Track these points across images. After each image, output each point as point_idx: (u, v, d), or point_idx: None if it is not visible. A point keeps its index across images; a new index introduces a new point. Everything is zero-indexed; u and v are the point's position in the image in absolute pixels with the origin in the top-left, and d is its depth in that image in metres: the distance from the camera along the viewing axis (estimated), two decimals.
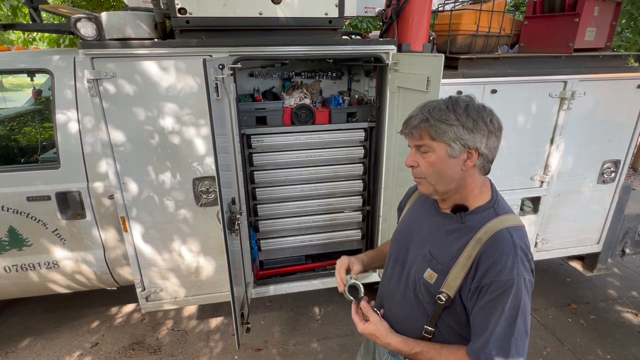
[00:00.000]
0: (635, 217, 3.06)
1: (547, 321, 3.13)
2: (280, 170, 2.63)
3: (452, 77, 2.34)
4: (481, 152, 1.04)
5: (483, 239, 1.02)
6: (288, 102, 2.67)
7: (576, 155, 2.74)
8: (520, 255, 1.00)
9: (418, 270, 1.14)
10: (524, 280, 1.00)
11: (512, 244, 1.00)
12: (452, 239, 1.09)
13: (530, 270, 1.03)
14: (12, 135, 2.79)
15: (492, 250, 1.01)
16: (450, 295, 1.05)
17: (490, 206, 1.09)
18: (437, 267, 1.09)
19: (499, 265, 0.99)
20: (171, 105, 2.11)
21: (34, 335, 2.93)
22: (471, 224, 1.07)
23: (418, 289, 1.15)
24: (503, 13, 2.53)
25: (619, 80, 2.60)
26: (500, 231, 1.02)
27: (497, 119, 1.06)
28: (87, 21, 1.88)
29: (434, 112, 1.03)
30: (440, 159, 1.04)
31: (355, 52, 2.27)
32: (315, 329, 3.01)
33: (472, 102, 1.05)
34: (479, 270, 1.01)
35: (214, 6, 2.00)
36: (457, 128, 1.01)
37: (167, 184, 2.26)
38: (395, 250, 1.28)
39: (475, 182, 1.09)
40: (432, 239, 1.15)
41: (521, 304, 0.99)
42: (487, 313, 1.00)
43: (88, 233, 2.47)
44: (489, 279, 0.99)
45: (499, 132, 1.06)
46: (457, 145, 1.02)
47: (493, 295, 0.99)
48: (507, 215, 1.07)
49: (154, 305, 2.53)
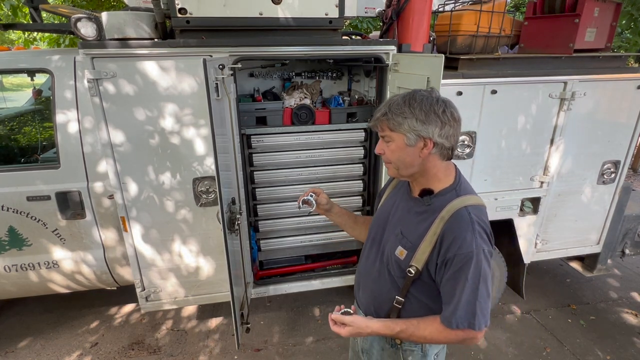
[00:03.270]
0: (635, 218, 3.06)
1: (547, 322, 3.13)
2: (280, 170, 2.63)
3: (452, 77, 2.34)
4: (435, 141, 1.15)
5: (445, 217, 1.16)
6: (288, 103, 2.67)
7: (576, 156, 2.74)
8: (478, 230, 1.13)
9: (390, 248, 1.29)
10: (483, 250, 1.12)
11: (470, 220, 1.13)
12: (420, 220, 1.23)
13: (488, 242, 1.16)
14: (12, 135, 2.79)
15: (453, 227, 1.14)
16: (418, 268, 1.19)
17: (452, 188, 1.22)
18: (407, 245, 1.23)
19: (460, 239, 1.12)
20: (171, 105, 2.11)
21: (33, 335, 2.93)
22: (436, 205, 1.21)
23: (390, 265, 1.29)
24: (503, 14, 2.53)
25: (619, 81, 2.60)
26: (460, 210, 1.15)
27: (451, 111, 1.15)
28: (87, 21, 1.89)
29: (393, 107, 1.17)
30: (399, 147, 1.18)
31: (356, 53, 2.27)
32: (315, 329, 3.01)
33: (428, 96, 1.16)
34: (442, 245, 1.14)
35: (214, 6, 2.00)
36: (410, 120, 1.14)
37: (167, 184, 2.26)
38: (373, 232, 1.42)
39: (437, 167, 1.21)
40: (403, 220, 1.29)
41: (482, 272, 1.12)
42: (453, 283, 1.14)
43: (88, 233, 2.47)
44: (452, 253, 1.12)
45: (454, 122, 1.15)
46: (412, 135, 1.15)
47: (457, 267, 1.12)
48: (467, 196, 1.19)
49: (154, 305, 2.53)
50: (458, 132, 1.18)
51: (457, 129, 1.17)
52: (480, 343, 2.91)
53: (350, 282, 2.89)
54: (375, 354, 1.44)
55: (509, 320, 3.16)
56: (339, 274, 2.87)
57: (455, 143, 1.19)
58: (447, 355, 2.81)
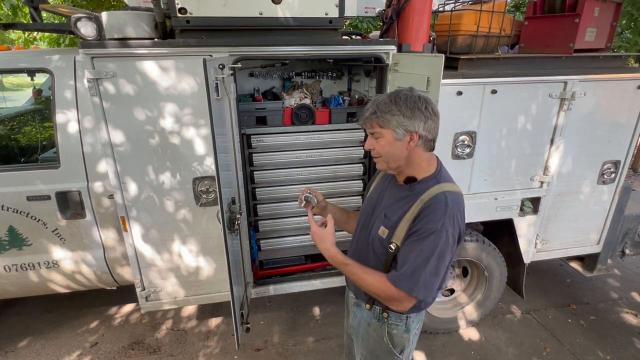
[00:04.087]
0: (635, 218, 3.06)
1: (547, 322, 3.13)
2: (280, 170, 2.63)
3: (453, 77, 2.34)
4: (420, 134, 1.27)
5: (425, 199, 1.28)
6: (288, 102, 2.67)
7: (576, 155, 2.74)
8: (449, 213, 1.24)
9: (375, 229, 1.42)
10: (446, 231, 1.23)
11: (445, 203, 1.25)
12: (403, 203, 1.35)
13: (456, 226, 1.26)
14: (12, 134, 2.79)
15: (428, 206, 1.26)
16: (398, 245, 1.32)
17: (434, 176, 1.35)
18: (388, 224, 1.36)
19: (429, 217, 1.25)
20: (171, 105, 2.11)
21: (33, 334, 2.93)
22: (418, 190, 1.33)
23: (374, 244, 1.42)
24: (503, 13, 2.53)
25: (619, 80, 2.60)
26: (438, 194, 1.28)
27: (432, 106, 1.29)
28: (87, 21, 1.88)
29: (381, 105, 1.28)
30: (388, 142, 1.30)
31: (356, 52, 2.27)
32: (315, 329, 3.01)
33: (410, 95, 1.28)
34: (415, 221, 1.28)
35: (214, 6, 2.00)
36: (398, 117, 1.26)
37: (167, 183, 2.26)
38: (362, 219, 1.54)
39: (421, 157, 1.34)
40: (388, 204, 1.42)
41: (438, 249, 1.23)
42: (408, 250, 1.27)
43: (88, 233, 2.47)
44: (419, 226, 1.26)
45: (434, 116, 1.29)
46: (401, 130, 1.27)
47: (417, 237, 1.25)
48: (446, 183, 1.33)
49: (154, 305, 2.53)
50: (438, 125, 1.32)
51: (437, 122, 1.31)
52: (480, 343, 2.91)
53: None
54: (362, 330, 1.57)
55: (509, 320, 3.16)
56: (339, 273, 2.87)
57: (436, 135, 1.33)
58: (447, 355, 2.82)
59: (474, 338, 2.97)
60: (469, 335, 3.00)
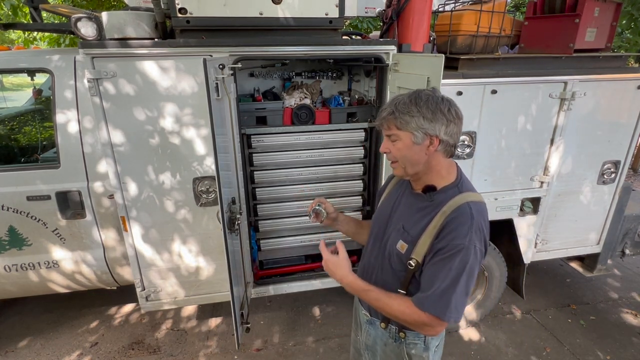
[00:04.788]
0: (635, 218, 3.06)
1: (547, 322, 3.13)
2: (281, 170, 2.63)
3: (453, 77, 2.34)
4: (441, 139, 1.17)
5: (447, 212, 1.18)
6: (288, 102, 2.67)
7: (576, 156, 2.74)
8: (475, 226, 1.14)
9: (392, 242, 1.30)
10: (474, 247, 1.13)
11: (470, 215, 1.15)
12: (422, 215, 1.25)
13: (482, 240, 1.17)
14: (12, 134, 2.79)
15: (452, 220, 1.16)
16: (418, 261, 1.21)
17: (454, 185, 1.24)
18: (408, 239, 1.25)
19: (455, 232, 1.14)
20: (171, 105, 2.11)
21: (33, 334, 2.93)
22: (438, 200, 1.22)
23: (392, 259, 1.30)
24: (503, 14, 2.53)
25: (619, 81, 2.60)
26: (462, 205, 1.17)
27: (455, 109, 1.18)
28: (87, 21, 1.88)
29: (399, 106, 1.18)
30: (406, 145, 1.20)
31: (356, 53, 2.27)
32: (315, 329, 3.01)
33: (433, 95, 1.18)
34: (439, 236, 1.17)
35: (214, 6, 2.00)
36: (418, 119, 1.15)
37: (167, 183, 2.26)
38: (375, 229, 1.44)
39: (441, 164, 1.24)
40: (405, 215, 1.31)
41: (467, 266, 1.13)
42: (435, 270, 1.16)
43: (88, 233, 2.47)
44: (445, 243, 1.14)
45: (457, 120, 1.19)
46: (420, 133, 1.17)
47: (444, 256, 1.14)
48: (469, 192, 1.22)
49: (154, 305, 2.53)
50: (460, 129, 1.21)
51: (460, 126, 1.21)
52: (480, 343, 2.91)
53: None
54: (379, 350, 1.46)
55: (509, 320, 3.16)
56: None
57: (457, 140, 1.23)
58: (447, 354, 2.82)
59: (474, 338, 2.97)
60: (469, 335, 3.00)
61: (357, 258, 3.03)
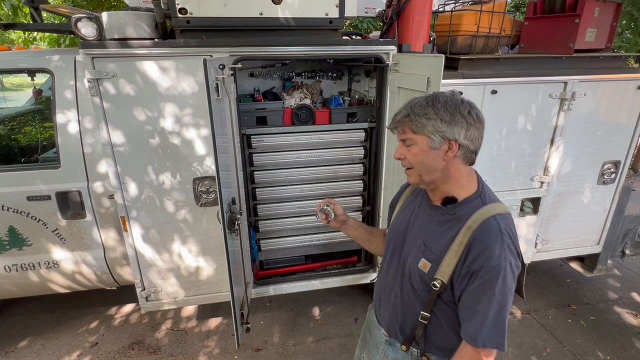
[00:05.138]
0: (635, 218, 3.06)
1: (547, 322, 3.12)
2: (281, 170, 2.63)
3: (453, 77, 2.35)
4: (461, 143, 1.09)
5: (473, 227, 1.09)
6: (288, 103, 2.67)
7: (576, 156, 2.74)
8: (507, 241, 1.07)
9: (413, 260, 1.21)
10: (510, 264, 1.06)
11: (499, 231, 1.07)
12: (444, 230, 1.15)
13: (516, 254, 1.09)
14: (12, 134, 2.79)
15: (481, 237, 1.07)
16: (444, 282, 1.12)
17: (477, 196, 1.15)
18: (431, 257, 1.15)
19: (488, 251, 1.05)
20: (171, 105, 2.11)
21: (33, 334, 2.93)
22: (461, 214, 1.14)
23: (413, 279, 1.21)
24: (503, 14, 2.53)
25: (619, 81, 2.60)
26: (489, 219, 1.09)
27: (476, 112, 1.11)
28: (87, 21, 1.89)
29: (415, 108, 1.11)
30: (422, 150, 1.12)
31: (356, 53, 2.27)
32: (315, 329, 3.01)
33: (451, 97, 1.11)
34: (469, 256, 1.07)
35: (214, 6, 2.00)
36: (435, 121, 1.08)
37: (167, 184, 2.26)
38: (392, 245, 1.34)
39: (460, 172, 1.15)
40: (425, 230, 1.21)
41: (507, 286, 1.06)
42: (476, 297, 1.07)
43: (88, 233, 2.47)
44: (479, 265, 1.05)
45: (479, 123, 1.11)
46: (437, 137, 1.09)
47: (483, 280, 1.06)
48: (494, 204, 1.13)
49: (154, 305, 2.53)
50: (482, 134, 1.13)
51: (482, 131, 1.12)
52: None
53: (351, 282, 2.89)
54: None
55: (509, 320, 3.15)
56: (339, 274, 2.87)
57: (479, 146, 1.14)
58: None
59: None
60: None
61: (357, 258, 3.04)
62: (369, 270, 2.89)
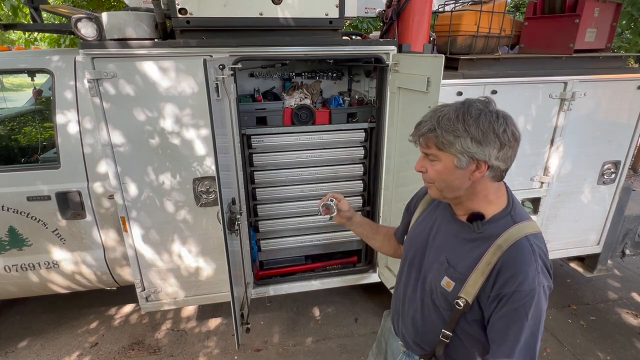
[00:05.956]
0: (635, 219, 3.06)
1: (547, 322, 3.12)
2: (281, 170, 2.63)
3: (453, 77, 2.34)
4: (491, 164, 0.98)
5: (504, 247, 1.00)
6: (288, 103, 2.67)
7: (576, 156, 2.74)
8: (540, 264, 0.99)
9: (435, 277, 1.13)
10: (543, 287, 0.99)
11: (533, 253, 0.99)
12: (470, 248, 1.07)
13: (549, 276, 1.02)
14: (12, 135, 2.79)
15: (513, 260, 0.99)
16: (468, 301, 1.04)
17: (507, 213, 1.06)
18: (455, 276, 1.07)
19: (521, 275, 0.97)
20: (171, 106, 2.11)
21: (33, 335, 2.93)
22: (489, 232, 1.05)
23: (435, 296, 1.14)
24: (503, 14, 2.53)
25: (619, 81, 2.60)
26: (521, 240, 1.00)
27: (512, 129, 0.98)
28: (87, 21, 1.89)
29: (443, 121, 0.98)
30: (447, 169, 1.01)
31: (356, 53, 2.28)
32: (315, 329, 3.01)
33: (485, 110, 0.98)
34: (499, 279, 1.00)
35: (214, 6, 2.00)
36: (464, 140, 0.96)
37: (167, 184, 2.26)
38: (410, 255, 1.26)
39: (487, 189, 1.06)
40: (449, 246, 1.13)
41: (541, 312, 1.00)
42: (508, 321, 1.00)
43: (88, 233, 2.47)
44: (511, 289, 0.98)
45: (514, 142, 0.99)
46: (465, 157, 0.98)
47: (515, 305, 0.98)
48: (525, 222, 1.04)
49: (154, 306, 2.53)
50: (516, 153, 1.02)
51: (516, 149, 1.01)
52: None
53: (351, 282, 2.89)
54: None
55: None
56: (339, 274, 2.87)
57: (510, 165, 1.03)
58: None
59: None
60: None
61: (357, 258, 3.04)
62: (369, 271, 2.89)
